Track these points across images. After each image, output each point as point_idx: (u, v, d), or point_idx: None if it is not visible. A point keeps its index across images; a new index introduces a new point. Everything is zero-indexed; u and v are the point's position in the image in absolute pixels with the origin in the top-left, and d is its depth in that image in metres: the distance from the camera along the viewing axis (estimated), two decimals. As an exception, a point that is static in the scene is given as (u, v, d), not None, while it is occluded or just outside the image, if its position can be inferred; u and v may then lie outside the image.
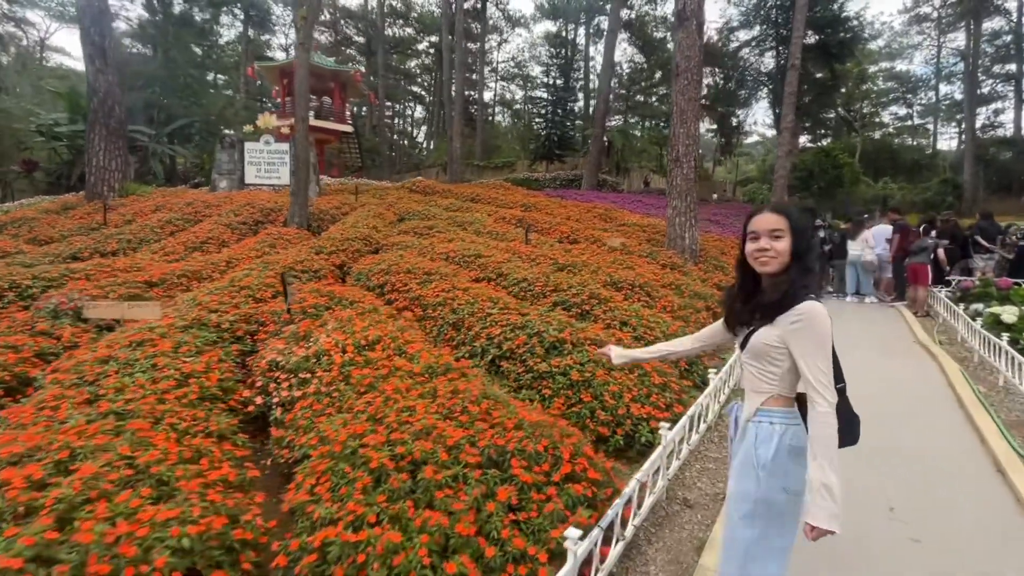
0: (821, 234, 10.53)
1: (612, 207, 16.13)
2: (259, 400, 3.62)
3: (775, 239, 1.66)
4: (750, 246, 1.70)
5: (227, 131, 15.65)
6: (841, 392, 1.72)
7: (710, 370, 3.96)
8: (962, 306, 7.16)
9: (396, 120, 53.55)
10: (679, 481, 3.16)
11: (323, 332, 4.05)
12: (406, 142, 51.67)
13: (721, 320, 1.93)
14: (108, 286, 5.42)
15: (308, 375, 3.58)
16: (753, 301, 1.74)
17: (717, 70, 29.63)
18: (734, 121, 30.97)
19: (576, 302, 5.42)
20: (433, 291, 5.61)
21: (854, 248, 10.02)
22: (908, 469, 3.40)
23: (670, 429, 2.88)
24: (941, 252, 8.94)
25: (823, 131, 34.98)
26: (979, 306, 7.86)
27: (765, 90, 27.80)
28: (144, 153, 19.47)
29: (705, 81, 32.03)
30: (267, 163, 13.83)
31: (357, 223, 10.04)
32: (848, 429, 1.70)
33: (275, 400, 3.46)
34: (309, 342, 3.98)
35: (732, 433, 1.89)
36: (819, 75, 24.91)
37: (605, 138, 31.17)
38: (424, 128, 52.96)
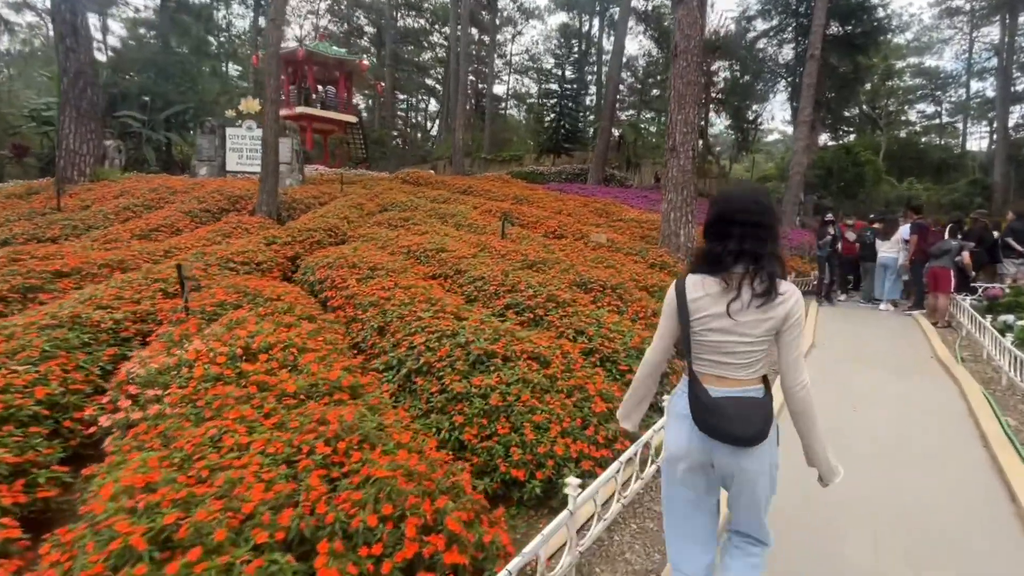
0: (831, 231, 9.63)
1: (613, 202, 15.30)
2: (104, 421, 2.95)
3: None
4: None
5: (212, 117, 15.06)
6: (690, 373, 1.69)
7: (665, 397, 3.17)
8: (989, 318, 6.26)
9: (411, 113, 53.11)
10: (601, 551, 2.41)
11: (199, 337, 3.36)
12: (420, 135, 51.15)
13: None
14: (2, 276, 4.80)
15: (161, 391, 2.90)
16: None
17: (734, 63, 28.42)
18: (750, 115, 29.69)
19: (530, 305, 4.67)
20: (371, 289, 4.91)
21: (887, 250, 8.92)
22: (913, 536, 2.61)
23: (583, 486, 2.14)
24: (967, 255, 7.97)
25: (846, 129, 33.53)
26: (1009, 318, 6.94)
27: (783, 83, 26.57)
28: (138, 139, 19.06)
29: (722, 75, 30.86)
30: (249, 149, 13.21)
31: (328, 213, 9.40)
32: (704, 412, 1.62)
33: (105, 423, 2.78)
34: (182, 348, 3.30)
35: None
36: (841, 68, 23.64)
37: (618, 131, 30.18)
38: (438, 121, 52.38)
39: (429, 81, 49.05)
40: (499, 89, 50.42)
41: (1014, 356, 5.03)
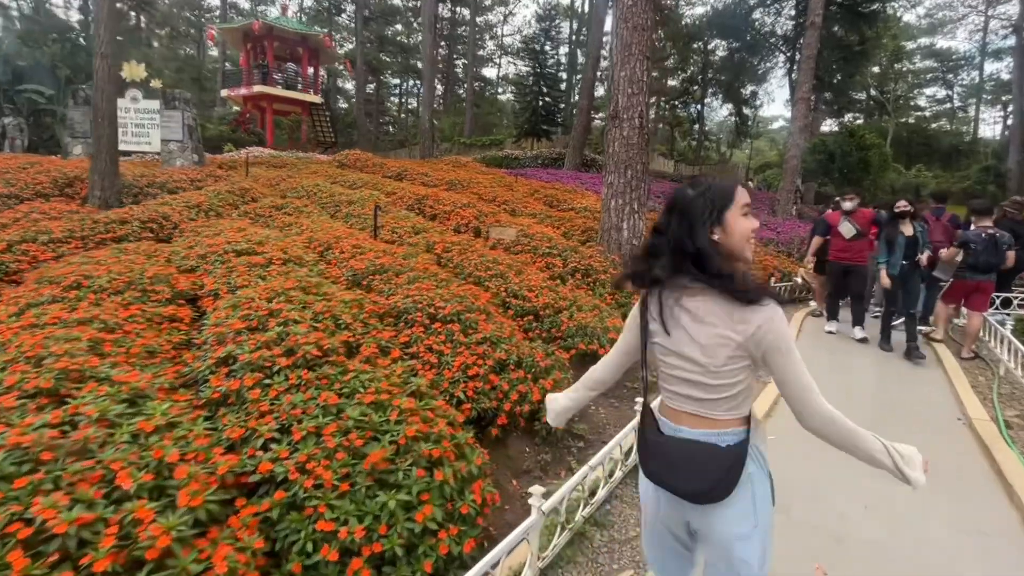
0: (907, 230, 5.69)
1: (575, 188, 13.23)
2: None
3: None
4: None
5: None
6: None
7: None
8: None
9: (404, 98, 50.95)
10: None
11: None
12: (412, 120, 48.88)
13: None
14: None
15: None
16: None
17: (733, 42, 26.02)
18: (744, 93, 27.35)
19: (258, 362, 2.61)
20: (5, 328, 2.86)
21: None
22: None
23: None
24: (1011, 256, 5.65)
25: (853, 115, 31.13)
26: (1062, 348, 4.86)
27: (782, 59, 24.24)
28: (52, 117, 16.97)
29: (719, 54, 28.46)
30: (135, 124, 11.12)
31: (176, 200, 7.36)
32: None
33: None
34: None
35: None
36: (846, 41, 21.29)
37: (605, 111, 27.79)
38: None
39: (420, 64, 46.56)
40: (492, 72, 48.23)
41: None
